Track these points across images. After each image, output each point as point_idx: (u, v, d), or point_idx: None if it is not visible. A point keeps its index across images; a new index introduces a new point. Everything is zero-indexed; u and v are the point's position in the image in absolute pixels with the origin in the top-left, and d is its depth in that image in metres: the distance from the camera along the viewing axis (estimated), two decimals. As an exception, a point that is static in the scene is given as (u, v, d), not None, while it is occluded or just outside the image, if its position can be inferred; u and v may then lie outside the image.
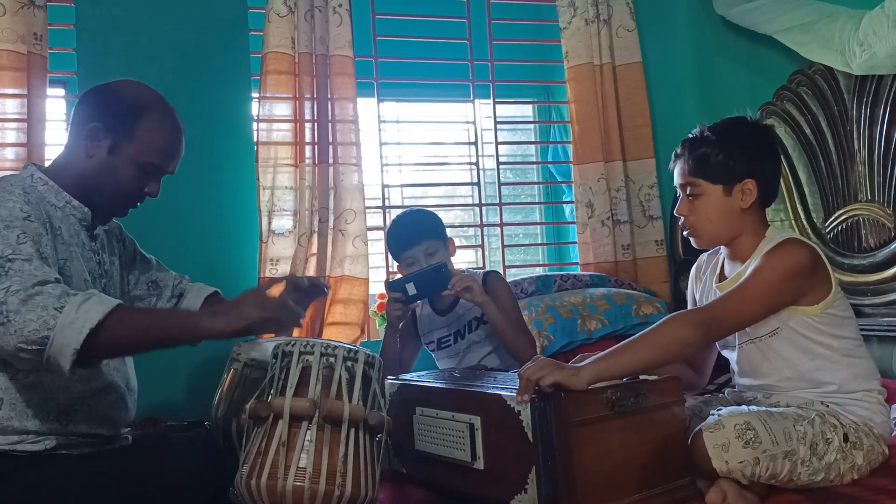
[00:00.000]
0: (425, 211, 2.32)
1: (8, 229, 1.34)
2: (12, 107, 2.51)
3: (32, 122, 2.50)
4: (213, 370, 2.12)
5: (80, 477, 1.36)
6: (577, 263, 3.16)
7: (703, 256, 1.82)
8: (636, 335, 1.51)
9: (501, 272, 3.07)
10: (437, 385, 1.63)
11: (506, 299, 2.14)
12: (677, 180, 1.69)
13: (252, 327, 1.37)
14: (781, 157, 1.74)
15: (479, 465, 1.43)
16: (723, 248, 1.72)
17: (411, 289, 2.00)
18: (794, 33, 2.45)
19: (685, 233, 1.71)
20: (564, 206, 3.37)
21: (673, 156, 1.71)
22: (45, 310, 1.26)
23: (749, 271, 1.56)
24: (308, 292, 1.75)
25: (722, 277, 1.71)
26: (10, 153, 2.49)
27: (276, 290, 1.65)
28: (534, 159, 3.51)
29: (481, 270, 2.23)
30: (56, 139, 2.72)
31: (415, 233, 2.12)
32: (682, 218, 1.69)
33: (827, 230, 2.41)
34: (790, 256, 1.54)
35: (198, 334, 1.37)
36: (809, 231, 2.45)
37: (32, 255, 1.33)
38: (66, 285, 1.33)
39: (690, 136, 1.68)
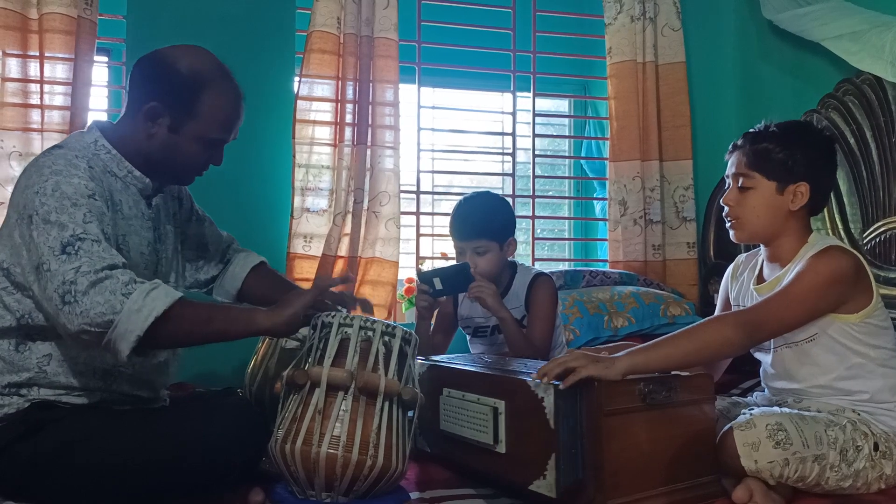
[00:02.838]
0: (492, 203, 2.14)
1: (75, 207, 1.35)
2: (61, 71, 2.55)
3: (78, 86, 2.54)
4: (243, 340, 2.16)
5: (120, 429, 1.40)
6: (605, 260, 3.16)
7: (742, 257, 1.81)
8: (675, 332, 1.51)
9: (530, 264, 3.08)
10: (465, 367, 1.64)
11: (541, 306, 2.09)
12: (730, 170, 1.68)
13: (299, 316, 1.39)
14: (837, 169, 1.73)
15: (501, 448, 1.44)
16: (762, 250, 1.72)
17: (437, 283, 2.02)
18: (843, 41, 2.42)
19: (727, 224, 1.70)
20: (594, 202, 3.37)
21: (731, 146, 1.70)
22: (112, 294, 1.29)
23: (791, 276, 1.56)
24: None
25: (760, 280, 1.70)
26: (56, 116, 2.54)
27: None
28: (566, 154, 3.50)
29: (534, 270, 2.19)
30: (99, 104, 2.77)
31: (469, 228, 2.07)
32: (727, 208, 1.68)
33: (864, 242, 2.39)
34: (833, 263, 1.53)
35: (255, 331, 1.39)
36: (846, 241, 2.43)
37: (100, 237, 1.34)
38: (125, 259, 1.36)
39: (753, 129, 1.68)
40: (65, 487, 1.35)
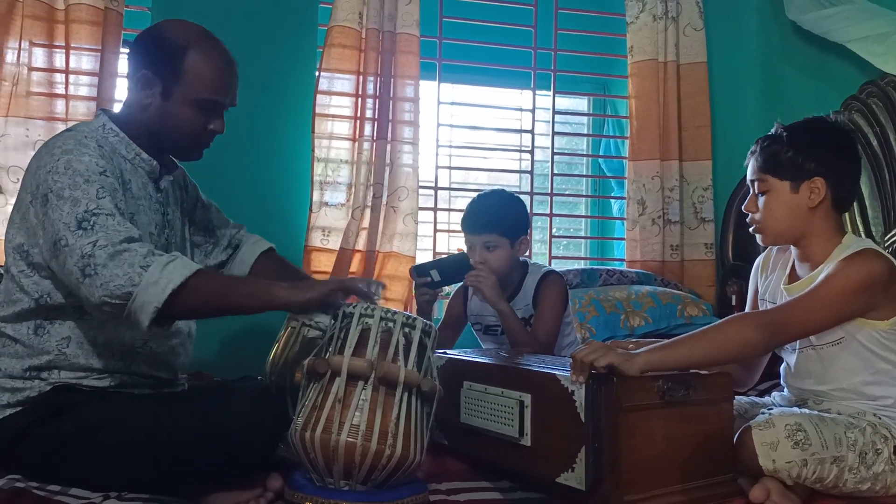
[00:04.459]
0: (507, 199, 2.15)
1: (88, 183, 1.37)
2: (86, 61, 2.58)
3: (104, 77, 2.56)
4: (261, 329, 2.18)
5: (140, 412, 1.42)
6: (622, 260, 3.16)
7: (773, 249, 1.79)
8: (696, 330, 1.50)
9: (547, 262, 3.08)
10: (488, 361, 1.65)
11: (548, 302, 2.08)
12: (748, 176, 1.68)
13: (320, 300, 1.42)
14: (861, 161, 1.70)
15: (526, 441, 1.45)
16: (792, 248, 1.70)
17: (436, 275, 2.02)
18: (868, 43, 2.40)
19: (751, 229, 1.70)
20: (612, 201, 3.36)
21: (749, 153, 1.69)
22: (131, 266, 1.31)
23: (821, 277, 1.53)
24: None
25: (792, 279, 1.68)
26: (81, 106, 2.57)
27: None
28: (584, 153, 3.50)
29: (545, 268, 2.19)
30: (122, 96, 2.79)
31: (480, 222, 2.07)
32: (750, 215, 1.67)
33: (886, 245, 2.37)
34: (866, 267, 1.50)
35: (271, 304, 1.41)
36: (867, 244, 2.41)
37: (114, 211, 1.37)
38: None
39: (768, 134, 1.67)
40: (85, 470, 1.37)
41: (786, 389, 1.72)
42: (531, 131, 3.13)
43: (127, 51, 2.74)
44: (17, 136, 2.48)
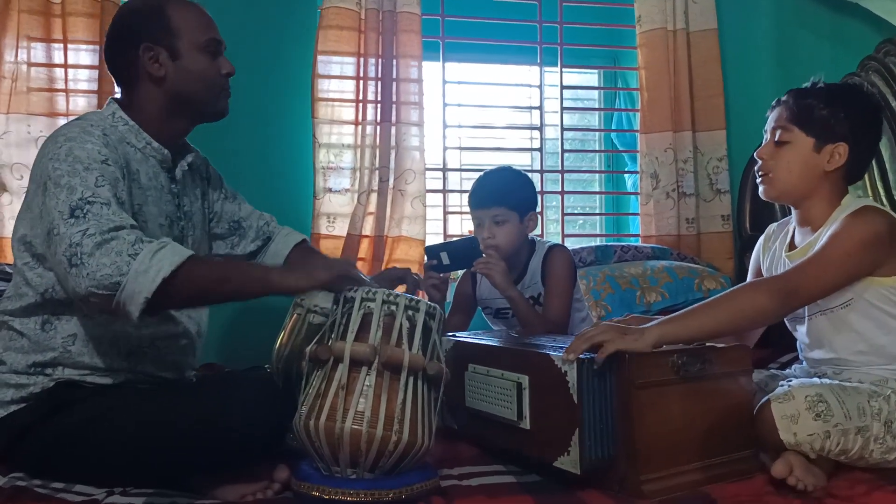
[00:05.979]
0: (515, 174, 2.12)
1: (87, 171, 1.34)
2: (85, 55, 2.56)
3: (104, 70, 2.53)
4: (270, 317, 2.15)
5: (143, 403, 1.39)
6: (637, 235, 3.09)
7: (773, 226, 1.76)
8: (707, 300, 1.46)
9: (560, 241, 3.03)
10: (489, 343, 1.61)
11: (556, 279, 2.04)
12: (770, 124, 1.63)
13: (321, 288, 1.38)
14: (881, 138, 1.67)
15: (525, 424, 1.40)
16: (793, 216, 1.66)
17: (445, 258, 1.98)
18: (884, 0, 2.33)
19: (758, 179, 1.65)
20: (626, 176, 3.29)
21: (775, 101, 1.64)
22: (118, 255, 1.26)
23: (825, 238, 1.50)
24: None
25: (792, 247, 1.64)
26: (82, 101, 2.55)
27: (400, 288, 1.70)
28: (595, 128, 3.43)
29: (549, 242, 2.15)
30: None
31: (488, 195, 2.03)
32: (760, 161, 1.62)
33: (907, 209, 2.31)
34: (869, 224, 1.47)
35: (268, 289, 1.37)
36: (888, 207, 2.34)
37: (110, 200, 1.33)
38: (141, 231, 1.34)
39: (802, 86, 1.62)
40: (89, 464, 1.35)
41: (804, 361, 1.67)
42: (540, 108, 3.07)
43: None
44: (19, 133, 2.47)
